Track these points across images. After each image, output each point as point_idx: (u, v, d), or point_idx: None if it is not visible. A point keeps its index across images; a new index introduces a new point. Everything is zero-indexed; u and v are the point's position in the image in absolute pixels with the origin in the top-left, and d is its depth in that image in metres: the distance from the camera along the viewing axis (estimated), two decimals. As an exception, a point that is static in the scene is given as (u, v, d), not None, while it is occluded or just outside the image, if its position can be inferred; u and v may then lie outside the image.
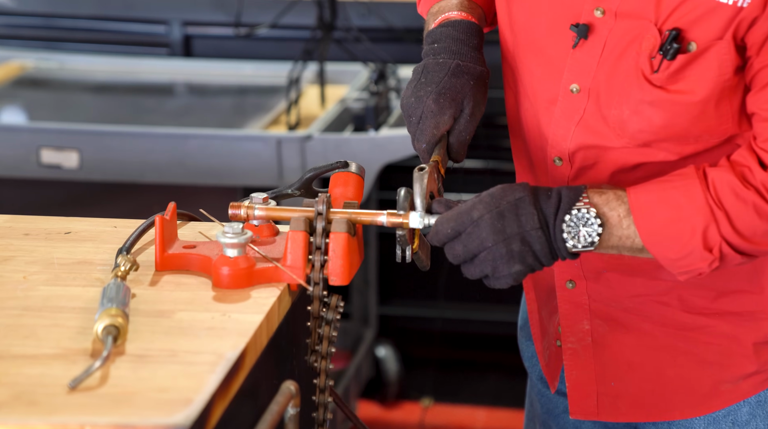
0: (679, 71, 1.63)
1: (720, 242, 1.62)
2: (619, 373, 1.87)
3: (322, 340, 1.60)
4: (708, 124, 1.66)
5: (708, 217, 1.62)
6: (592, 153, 1.75)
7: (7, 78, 3.88)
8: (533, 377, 2.05)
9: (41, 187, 3.38)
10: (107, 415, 1.27)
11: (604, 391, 1.89)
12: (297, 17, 3.80)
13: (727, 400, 1.84)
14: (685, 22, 1.61)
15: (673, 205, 1.64)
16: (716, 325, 1.81)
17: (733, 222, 1.62)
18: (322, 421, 1.63)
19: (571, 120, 1.75)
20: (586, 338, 1.88)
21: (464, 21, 1.80)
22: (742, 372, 1.82)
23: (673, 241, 1.64)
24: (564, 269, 1.86)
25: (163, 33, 4.04)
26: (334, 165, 1.74)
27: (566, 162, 1.77)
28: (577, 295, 1.86)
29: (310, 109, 3.56)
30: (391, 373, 3.91)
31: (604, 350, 1.87)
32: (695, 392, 1.84)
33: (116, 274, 1.56)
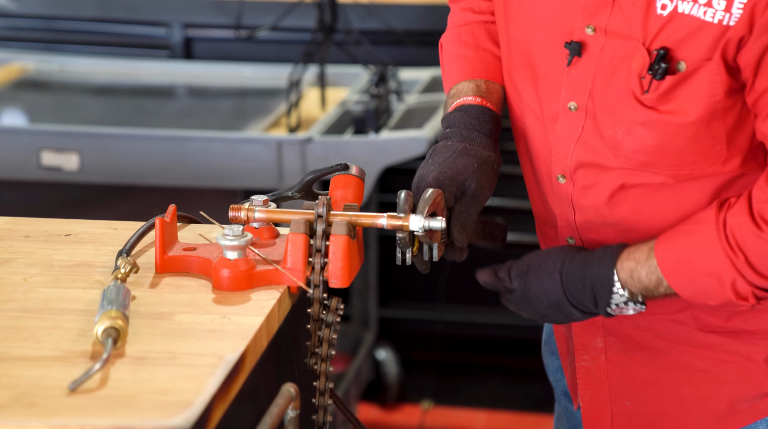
0: (669, 92, 1.63)
1: (751, 290, 1.65)
2: (633, 391, 1.86)
3: (322, 342, 1.60)
4: (701, 146, 1.66)
5: (733, 271, 1.65)
6: (592, 172, 1.75)
7: (7, 80, 3.88)
8: (558, 392, 2.05)
9: (41, 189, 3.38)
10: (107, 418, 1.27)
11: (619, 410, 1.88)
12: (297, 20, 3.80)
13: (745, 419, 1.82)
14: (673, 42, 1.61)
15: (696, 267, 1.67)
16: (730, 344, 1.80)
17: (757, 269, 1.64)
18: (321, 423, 1.62)
19: (570, 137, 1.75)
20: (600, 356, 1.87)
21: (478, 106, 1.80)
22: (758, 391, 1.81)
23: (709, 295, 1.68)
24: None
25: (163, 35, 4.04)
26: (334, 167, 1.74)
27: (569, 180, 1.77)
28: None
29: (311, 112, 3.56)
30: (391, 376, 3.91)
31: (619, 368, 1.86)
32: (711, 411, 1.83)
33: (116, 277, 1.56)
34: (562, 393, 2.03)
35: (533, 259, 1.74)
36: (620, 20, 1.64)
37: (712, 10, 1.57)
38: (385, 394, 3.93)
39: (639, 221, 1.76)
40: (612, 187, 1.74)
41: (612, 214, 1.76)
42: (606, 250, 1.71)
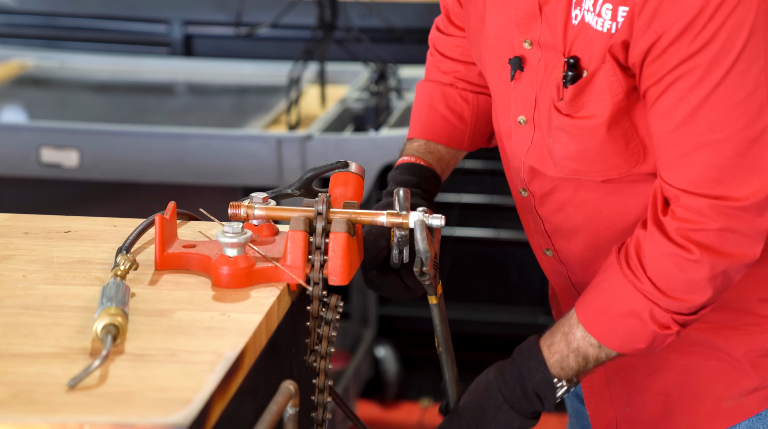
0: (576, 97, 1.68)
1: (670, 317, 1.68)
2: (630, 397, 1.90)
3: (321, 339, 1.60)
4: (617, 146, 1.70)
5: (646, 303, 1.68)
6: (544, 181, 1.81)
7: (7, 77, 3.88)
8: (570, 393, 2.05)
9: (41, 186, 3.38)
10: (106, 415, 1.27)
11: (622, 416, 1.92)
12: (298, 17, 3.80)
13: (732, 418, 1.84)
14: (580, 50, 1.68)
15: (614, 311, 1.71)
16: (712, 341, 1.82)
17: (665, 292, 1.67)
18: (321, 421, 1.63)
19: (522, 150, 1.81)
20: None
21: (416, 165, 1.92)
22: (742, 388, 1.83)
23: (636, 337, 1.70)
24: (566, 297, 1.90)
25: (163, 32, 4.04)
26: (334, 165, 1.74)
27: (528, 192, 1.84)
28: None
29: (311, 109, 3.56)
30: (390, 373, 3.91)
31: (615, 375, 1.90)
32: (699, 412, 1.85)
33: (116, 273, 1.56)
34: (574, 394, 2.05)
35: (473, 410, 1.79)
36: (547, 32, 1.72)
37: (601, 20, 1.65)
38: (385, 392, 3.93)
39: (603, 223, 1.80)
40: (565, 194, 1.79)
41: (576, 219, 1.81)
42: (529, 354, 1.75)
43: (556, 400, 1.75)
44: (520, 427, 1.76)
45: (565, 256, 1.86)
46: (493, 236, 3.90)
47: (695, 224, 1.63)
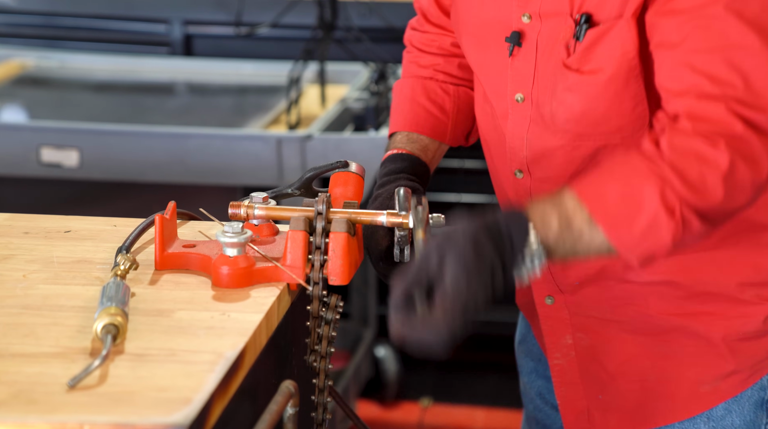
0: (588, 50, 1.69)
1: (679, 206, 1.59)
2: (604, 385, 1.88)
3: (321, 339, 1.60)
4: (624, 108, 1.70)
5: (657, 179, 1.59)
6: (545, 162, 1.79)
7: (7, 76, 3.88)
8: (532, 393, 2.07)
9: (41, 185, 3.38)
10: (106, 414, 1.27)
11: (594, 405, 1.90)
12: (298, 17, 3.80)
13: (708, 402, 1.84)
14: (592, 6, 1.69)
15: (622, 182, 1.61)
16: (690, 326, 1.82)
17: (684, 177, 1.59)
18: (321, 420, 1.63)
19: (521, 129, 1.80)
20: (570, 353, 1.89)
21: (405, 154, 1.90)
22: (719, 372, 1.83)
23: (632, 213, 1.60)
24: (541, 285, 1.88)
25: (163, 32, 4.03)
26: (334, 165, 1.74)
27: (526, 173, 1.82)
28: (557, 310, 1.88)
29: (311, 109, 3.56)
30: (390, 373, 3.91)
31: (589, 363, 1.89)
32: (676, 396, 1.85)
33: (116, 273, 1.56)
34: (537, 394, 2.05)
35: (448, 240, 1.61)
36: (549, 1, 1.72)
37: None
38: (385, 392, 3.93)
39: None
40: (566, 174, 1.77)
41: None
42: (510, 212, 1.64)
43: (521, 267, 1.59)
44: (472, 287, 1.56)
45: None
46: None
47: (718, 125, 1.60)
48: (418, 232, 1.61)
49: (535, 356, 2.06)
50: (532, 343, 2.06)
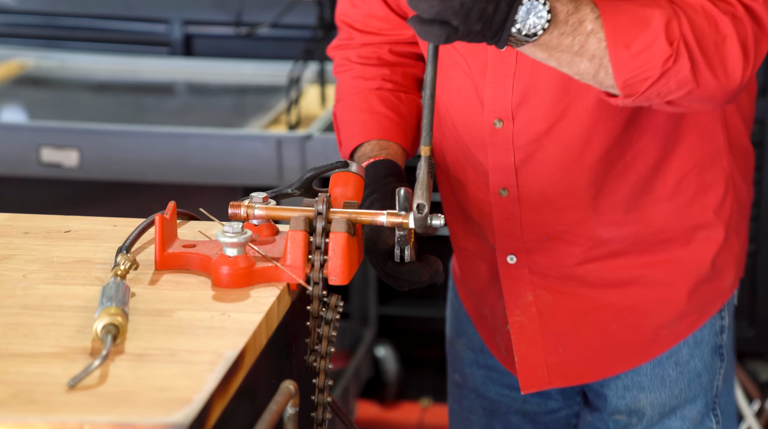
0: None
1: (680, 37, 1.64)
2: (565, 339, 1.96)
3: (321, 339, 1.60)
4: None
5: (670, 12, 1.65)
6: (536, 98, 1.83)
7: (7, 76, 3.88)
8: (476, 381, 2.13)
9: (41, 185, 3.38)
10: (106, 414, 1.27)
11: (553, 359, 1.97)
12: (298, 17, 3.80)
13: (667, 343, 1.96)
14: None
15: (639, 3, 1.66)
16: (651, 275, 1.93)
17: (691, 20, 1.65)
18: (321, 420, 1.63)
19: (507, 73, 1.83)
20: (531, 309, 1.95)
21: (385, 161, 1.89)
22: (676, 314, 1.95)
23: (637, 30, 1.64)
24: (505, 243, 1.93)
25: (163, 32, 4.04)
26: (334, 165, 1.74)
27: (508, 120, 1.86)
28: (518, 269, 1.94)
29: (311, 109, 3.56)
30: (390, 373, 3.91)
31: (549, 319, 1.95)
32: (638, 342, 1.95)
33: (116, 273, 1.56)
34: (480, 383, 2.12)
35: None
36: None
37: None
38: (385, 392, 3.93)
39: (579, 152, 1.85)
40: (552, 117, 1.83)
41: (553, 147, 1.86)
42: None
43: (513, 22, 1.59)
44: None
45: (526, 193, 1.89)
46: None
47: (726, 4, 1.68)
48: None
49: (476, 347, 2.12)
50: (472, 334, 2.12)
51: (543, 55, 1.64)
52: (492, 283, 2.01)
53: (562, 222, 1.90)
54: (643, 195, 1.89)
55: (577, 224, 1.90)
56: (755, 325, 3.80)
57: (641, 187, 1.89)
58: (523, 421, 2.12)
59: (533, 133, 1.86)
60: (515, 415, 2.12)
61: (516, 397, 2.10)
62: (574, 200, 1.89)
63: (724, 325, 2.01)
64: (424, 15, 1.54)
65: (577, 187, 1.88)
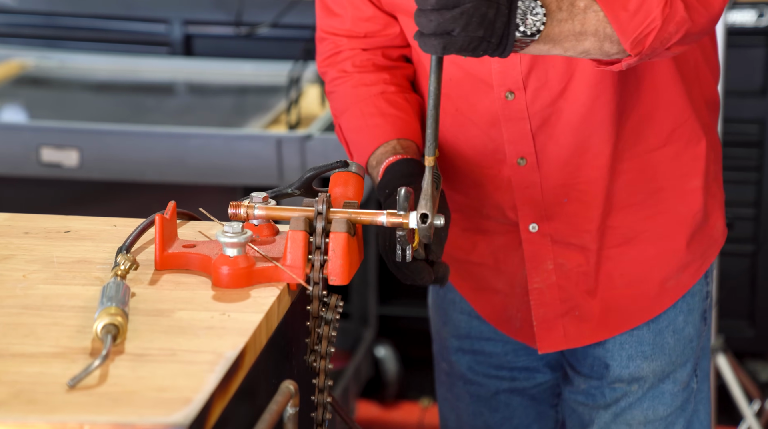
0: None
1: None
2: (580, 301, 2.02)
3: (321, 339, 1.60)
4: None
5: None
6: (543, 69, 1.88)
7: (7, 76, 3.88)
8: (461, 367, 2.17)
9: (41, 185, 3.38)
10: (106, 414, 1.27)
11: (569, 321, 2.04)
12: (298, 17, 3.80)
13: (673, 296, 2.04)
14: None
15: None
16: (651, 228, 2.00)
17: None
18: (321, 420, 1.63)
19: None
20: (551, 277, 2.02)
21: (405, 160, 1.88)
22: (678, 265, 2.03)
23: None
24: (527, 212, 1.98)
25: (163, 32, 4.04)
26: (334, 165, 1.74)
27: (520, 90, 1.89)
28: (541, 237, 1.99)
29: (311, 109, 3.56)
30: (390, 373, 3.91)
31: (567, 284, 2.02)
32: (647, 296, 2.03)
33: (116, 273, 1.56)
34: (467, 369, 2.16)
35: None
36: None
37: None
38: (385, 392, 3.93)
39: (596, 113, 1.91)
40: (563, 79, 1.88)
41: (569, 110, 1.91)
42: None
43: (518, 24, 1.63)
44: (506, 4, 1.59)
45: (544, 158, 1.94)
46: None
47: None
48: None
49: (462, 334, 2.16)
50: (457, 320, 2.16)
51: (547, 47, 1.68)
52: (510, 254, 2.04)
53: (580, 181, 1.95)
54: (642, 143, 1.96)
55: (594, 182, 1.96)
56: (755, 326, 3.80)
57: (640, 136, 1.96)
58: (510, 397, 2.17)
59: (547, 98, 1.90)
60: (503, 394, 2.17)
61: (504, 375, 2.15)
62: (589, 157, 1.94)
63: (708, 291, 2.10)
64: (425, 30, 1.56)
65: (592, 144, 1.93)
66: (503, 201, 1.99)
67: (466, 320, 2.15)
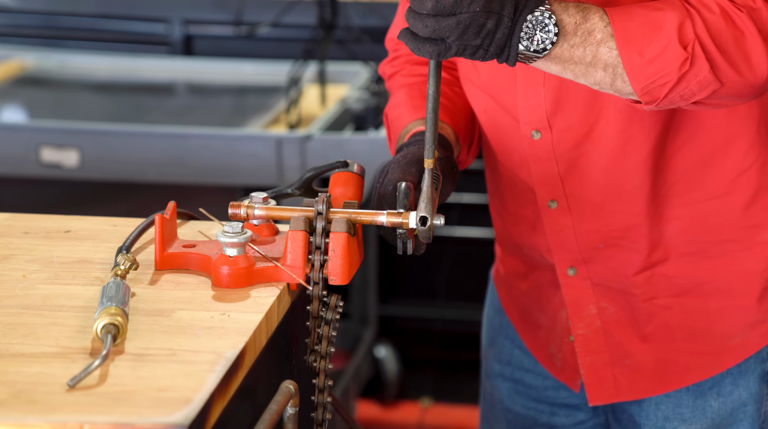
0: None
1: (694, 39, 1.61)
2: (631, 349, 1.91)
3: (321, 339, 1.60)
4: None
5: (683, 13, 1.62)
6: (568, 111, 1.81)
7: (7, 76, 3.88)
8: (501, 393, 2.10)
9: (41, 185, 3.38)
10: (106, 414, 1.27)
11: (620, 370, 1.93)
12: (298, 16, 3.80)
13: (738, 355, 1.89)
14: None
15: (650, 8, 1.64)
16: (712, 281, 1.87)
17: (705, 20, 1.62)
18: (321, 420, 1.63)
19: (538, 82, 1.81)
20: (595, 322, 1.92)
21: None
22: (746, 323, 1.88)
23: (648, 36, 1.62)
24: (563, 256, 1.90)
25: (163, 32, 4.04)
26: (334, 165, 1.74)
27: (546, 130, 1.83)
28: (580, 281, 1.91)
29: (311, 109, 3.56)
30: (390, 373, 3.91)
31: (614, 331, 1.91)
32: (705, 352, 1.89)
33: (116, 273, 1.56)
34: (506, 396, 2.09)
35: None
36: None
37: None
38: (385, 392, 3.93)
39: (621, 150, 1.81)
40: (589, 119, 1.80)
41: (595, 152, 1.82)
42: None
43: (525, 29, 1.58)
44: (509, 16, 1.56)
45: (576, 202, 1.86)
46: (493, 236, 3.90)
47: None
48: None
49: (504, 360, 2.10)
50: (502, 345, 2.10)
51: (557, 68, 1.62)
52: (551, 293, 1.97)
53: (615, 227, 1.86)
54: (697, 190, 1.84)
55: (631, 229, 1.86)
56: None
57: (693, 182, 1.84)
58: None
59: (572, 139, 1.83)
60: (542, 427, 2.08)
61: (543, 410, 2.06)
62: (624, 203, 1.85)
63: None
64: (420, 34, 1.54)
65: (626, 190, 1.83)
66: (538, 243, 1.93)
67: (509, 347, 2.09)
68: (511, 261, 2.04)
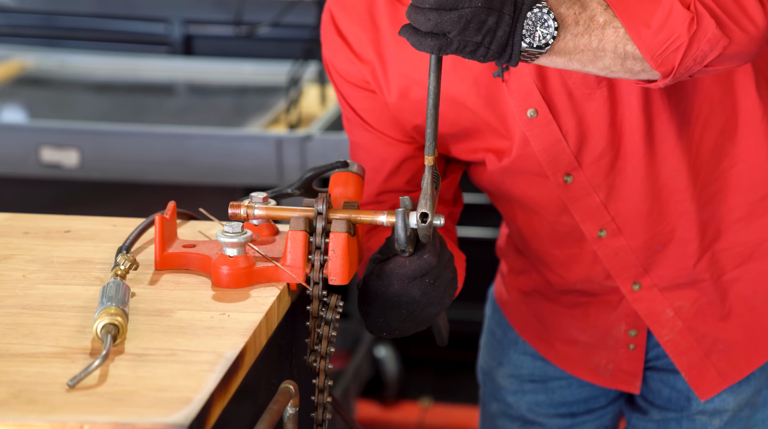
0: None
1: (694, 0, 1.62)
2: (719, 334, 1.94)
3: (321, 339, 1.60)
4: None
5: None
6: (596, 140, 1.82)
7: (7, 76, 3.88)
8: (521, 408, 2.11)
9: (41, 185, 3.38)
10: (106, 414, 1.27)
11: (717, 357, 1.95)
12: (298, 16, 3.80)
13: None
14: None
15: None
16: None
17: None
18: (321, 420, 1.63)
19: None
20: (677, 324, 1.94)
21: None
22: None
23: (650, 7, 1.61)
24: (624, 276, 1.91)
25: (163, 32, 4.04)
26: (334, 165, 1.74)
27: (583, 168, 1.84)
28: (647, 291, 1.92)
29: (311, 109, 3.56)
30: (390, 373, 3.91)
31: (696, 323, 1.94)
32: None
33: (116, 273, 1.56)
34: (527, 410, 2.10)
35: None
36: None
37: None
38: (385, 392, 3.93)
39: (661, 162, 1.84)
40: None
41: (632, 170, 1.83)
42: None
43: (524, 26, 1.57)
44: (510, 14, 1.56)
45: (624, 221, 1.87)
46: (493, 236, 3.90)
47: None
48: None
49: (523, 375, 2.11)
50: (519, 362, 2.11)
51: (562, 60, 1.61)
52: (602, 315, 1.99)
53: (666, 225, 1.88)
54: (724, 159, 1.87)
55: (680, 219, 1.88)
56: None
57: (720, 154, 1.87)
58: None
59: (605, 166, 1.84)
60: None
61: (564, 412, 2.09)
62: (668, 199, 1.87)
63: None
64: (422, 28, 1.53)
65: (666, 186, 1.85)
66: (594, 274, 1.93)
67: (530, 361, 2.10)
68: (543, 297, 2.05)
